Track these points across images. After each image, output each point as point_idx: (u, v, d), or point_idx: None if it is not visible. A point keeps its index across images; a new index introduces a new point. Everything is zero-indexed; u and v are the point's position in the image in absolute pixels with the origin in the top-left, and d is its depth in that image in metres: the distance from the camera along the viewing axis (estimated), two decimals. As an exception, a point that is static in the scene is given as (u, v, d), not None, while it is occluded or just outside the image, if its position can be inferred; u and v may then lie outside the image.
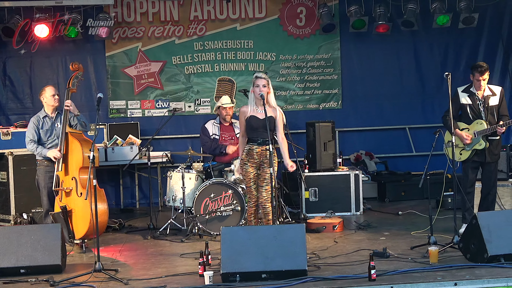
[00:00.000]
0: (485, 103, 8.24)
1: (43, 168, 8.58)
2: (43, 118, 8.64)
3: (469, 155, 8.28)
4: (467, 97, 8.31)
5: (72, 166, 8.33)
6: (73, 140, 8.36)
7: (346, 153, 11.63)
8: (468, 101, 8.30)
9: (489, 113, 8.24)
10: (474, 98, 8.27)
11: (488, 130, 8.14)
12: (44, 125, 8.62)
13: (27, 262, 6.91)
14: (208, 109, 11.90)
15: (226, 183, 8.90)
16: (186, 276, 6.76)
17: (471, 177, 8.34)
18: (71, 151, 8.35)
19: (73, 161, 8.33)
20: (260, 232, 6.68)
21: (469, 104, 8.28)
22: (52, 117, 8.67)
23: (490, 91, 8.30)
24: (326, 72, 12.12)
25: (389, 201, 11.13)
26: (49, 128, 8.63)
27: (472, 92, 8.30)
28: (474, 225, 6.86)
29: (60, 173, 8.35)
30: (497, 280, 6.17)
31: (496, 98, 8.28)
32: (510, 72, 12.18)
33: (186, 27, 11.84)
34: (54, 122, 8.65)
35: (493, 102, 8.27)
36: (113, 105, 11.84)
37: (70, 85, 8.65)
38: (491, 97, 8.27)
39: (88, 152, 7.89)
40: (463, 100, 8.33)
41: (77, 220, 8.22)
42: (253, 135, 7.76)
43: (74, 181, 8.26)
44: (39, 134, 8.59)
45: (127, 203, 11.86)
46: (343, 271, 6.70)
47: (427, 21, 11.81)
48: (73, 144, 8.35)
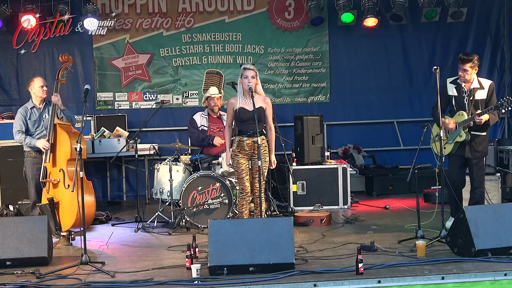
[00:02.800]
0: (470, 95, 8.01)
1: (30, 159, 8.53)
2: (30, 109, 8.58)
3: (452, 149, 8.11)
4: (454, 89, 8.13)
5: (60, 158, 8.27)
6: (62, 131, 8.30)
7: (334, 147, 11.65)
8: (454, 93, 8.12)
9: (472, 106, 8.01)
10: (460, 90, 8.08)
11: (467, 121, 7.89)
12: (32, 115, 8.56)
13: (13, 254, 6.87)
14: (196, 102, 11.87)
15: (214, 176, 8.88)
16: (173, 269, 6.73)
17: (456, 172, 8.16)
18: (59, 143, 8.29)
19: (61, 153, 8.27)
20: (248, 225, 6.66)
21: (455, 96, 8.10)
22: (40, 108, 8.61)
23: (479, 84, 8.05)
24: (314, 66, 12.11)
25: (377, 195, 11.15)
26: (36, 119, 8.57)
27: (459, 84, 8.11)
28: (461, 219, 6.86)
29: (47, 165, 8.30)
30: (484, 274, 6.18)
31: (484, 92, 8.03)
32: (498, 66, 12.22)
33: (174, 19, 11.80)
34: (42, 113, 8.59)
35: (479, 96, 8.01)
36: (100, 97, 11.79)
37: (59, 77, 8.57)
38: (478, 90, 8.02)
39: (76, 144, 7.84)
40: (450, 91, 8.16)
41: (64, 212, 8.17)
42: (243, 127, 7.78)
43: (62, 173, 8.20)
44: (27, 124, 8.54)
45: (114, 196, 11.83)
46: (330, 264, 6.70)
47: (416, 15, 11.82)
48: (61, 135, 8.28)
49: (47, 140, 8.31)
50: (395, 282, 6.10)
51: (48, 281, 6.37)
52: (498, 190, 9.18)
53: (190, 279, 6.25)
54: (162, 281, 6.20)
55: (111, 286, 6.17)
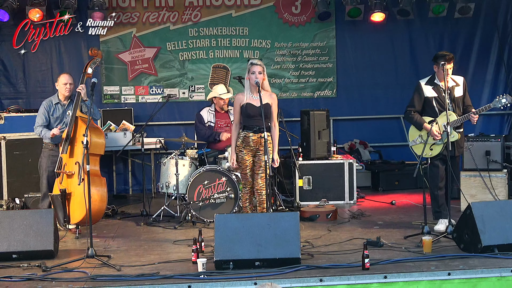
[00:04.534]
0: (451, 94, 7.95)
1: (47, 151, 8.57)
2: (55, 104, 8.60)
3: (441, 149, 7.97)
4: (432, 90, 8.04)
5: (78, 151, 8.20)
6: (82, 124, 8.24)
7: (340, 142, 11.63)
8: (433, 94, 8.02)
9: (456, 105, 7.98)
10: (439, 90, 7.97)
11: (460, 120, 7.88)
12: (55, 111, 8.58)
13: (19, 247, 6.89)
14: (202, 96, 11.86)
15: (220, 170, 8.87)
16: (179, 263, 6.74)
17: (441, 172, 8.04)
18: (79, 136, 8.20)
19: (79, 146, 8.13)
20: (254, 220, 6.66)
21: (435, 97, 8.00)
22: (64, 104, 8.61)
23: (454, 81, 8.05)
24: (321, 60, 12.09)
25: (383, 190, 11.14)
26: (59, 115, 8.58)
27: (436, 83, 8.04)
28: (468, 215, 6.84)
29: (64, 156, 8.29)
30: (490, 271, 6.17)
31: (460, 89, 8.03)
32: (506, 62, 12.17)
33: (181, 13, 11.78)
34: (65, 110, 8.59)
35: (458, 93, 8.01)
36: (106, 90, 11.79)
37: (86, 70, 8.60)
38: (455, 88, 8.01)
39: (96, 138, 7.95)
40: (427, 93, 8.07)
41: (74, 205, 8.14)
42: (250, 122, 7.75)
43: (78, 166, 8.13)
44: (49, 119, 8.56)
45: (120, 189, 11.83)
46: (336, 259, 6.69)
47: (423, 10, 11.78)
48: (82, 129, 8.16)
49: (59, 129, 8.32)
50: (401, 278, 6.10)
51: (54, 274, 6.38)
52: (505, 186, 9.15)
53: (196, 273, 6.25)
54: (168, 275, 6.20)
55: (117, 279, 6.18)
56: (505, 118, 12.39)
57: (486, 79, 12.23)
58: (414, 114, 8.12)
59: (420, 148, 7.95)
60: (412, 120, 8.19)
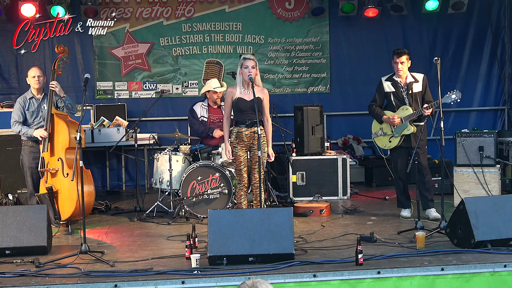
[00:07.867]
0: (408, 89, 8.43)
1: (27, 148, 8.55)
2: (29, 99, 8.58)
3: (398, 142, 8.45)
4: (390, 85, 8.54)
5: (58, 147, 8.27)
6: (59, 121, 8.31)
7: (334, 138, 11.63)
8: (391, 89, 8.51)
9: (413, 100, 8.39)
10: (397, 86, 8.47)
11: (414, 114, 8.31)
12: (30, 106, 8.56)
13: (12, 243, 6.87)
14: (195, 92, 11.84)
15: (214, 166, 8.86)
16: (172, 259, 6.73)
17: (403, 163, 8.45)
18: (57, 132, 8.30)
19: (59, 142, 8.28)
20: (247, 216, 6.65)
21: (393, 92, 8.50)
22: (38, 98, 8.60)
23: (413, 78, 8.48)
24: (314, 56, 12.08)
25: (376, 186, 11.16)
26: (35, 109, 8.56)
27: (395, 80, 8.49)
28: (461, 210, 6.86)
29: (45, 155, 8.30)
30: (483, 266, 6.18)
31: (419, 85, 8.45)
32: (499, 57, 12.19)
33: (174, 9, 11.76)
34: (40, 104, 8.58)
35: (416, 89, 8.44)
36: (100, 86, 11.76)
37: (55, 67, 8.61)
38: (414, 84, 8.45)
39: (74, 133, 7.88)
40: (386, 88, 8.55)
41: (63, 201, 8.18)
42: (241, 117, 7.74)
43: (60, 162, 8.21)
44: (25, 115, 8.54)
45: (113, 185, 11.82)
46: (330, 255, 6.70)
47: (417, 6, 11.80)
48: (59, 125, 8.30)
49: (45, 129, 8.31)
50: (394, 273, 6.10)
51: (47, 270, 6.36)
52: (498, 181, 9.17)
53: (190, 269, 6.24)
54: (161, 271, 6.19)
55: (110, 275, 6.16)
56: (498, 114, 12.41)
57: (480, 74, 12.25)
58: (375, 108, 8.64)
59: (382, 141, 8.59)
60: (373, 113, 8.70)
